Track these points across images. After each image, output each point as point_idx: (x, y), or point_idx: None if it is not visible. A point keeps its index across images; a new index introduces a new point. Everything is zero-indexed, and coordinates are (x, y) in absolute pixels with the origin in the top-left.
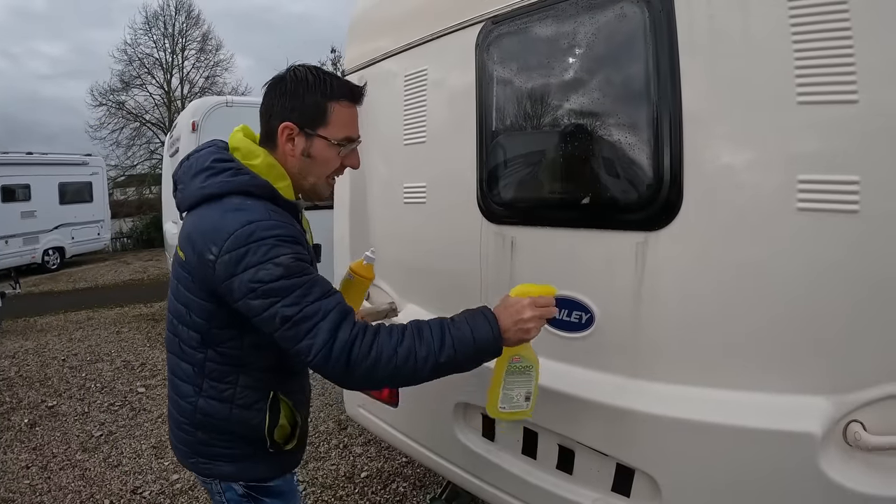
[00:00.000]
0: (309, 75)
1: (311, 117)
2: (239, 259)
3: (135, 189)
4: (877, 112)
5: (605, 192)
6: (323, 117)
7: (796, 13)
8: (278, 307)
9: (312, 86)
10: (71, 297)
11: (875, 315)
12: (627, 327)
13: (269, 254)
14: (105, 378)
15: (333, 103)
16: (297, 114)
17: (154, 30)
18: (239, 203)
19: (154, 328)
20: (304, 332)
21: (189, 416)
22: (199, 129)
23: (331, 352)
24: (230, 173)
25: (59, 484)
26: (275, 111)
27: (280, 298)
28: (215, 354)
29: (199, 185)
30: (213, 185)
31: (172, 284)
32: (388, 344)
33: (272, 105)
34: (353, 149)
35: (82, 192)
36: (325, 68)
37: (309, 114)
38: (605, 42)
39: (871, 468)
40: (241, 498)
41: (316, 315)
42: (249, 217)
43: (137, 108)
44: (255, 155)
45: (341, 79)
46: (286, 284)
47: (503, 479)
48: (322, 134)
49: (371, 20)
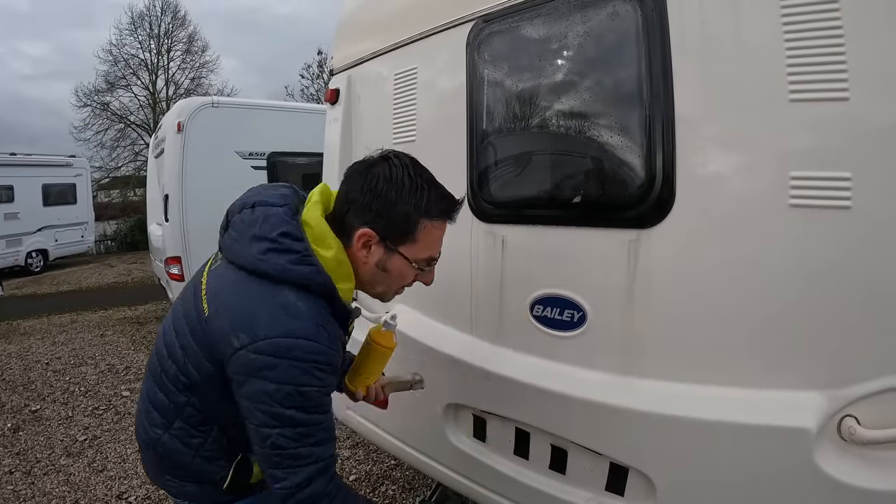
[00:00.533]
0: (406, 179)
1: (398, 231)
2: (266, 367)
3: (119, 191)
4: (868, 109)
5: (597, 189)
6: (411, 234)
7: (788, 11)
8: (276, 431)
9: (408, 194)
10: (54, 300)
11: (868, 310)
12: (620, 325)
13: (299, 379)
14: (89, 382)
15: (426, 221)
16: (383, 223)
17: (140, 30)
18: (293, 302)
19: (139, 331)
20: (286, 465)
21: (151, 443)
22: (184, 130)
23: (295, 494)
24: (295, 259)
25: (44, 489)
26: (356, 207)
27: (283, 427)
28: (198, 403)
29: (256, 255)
30: (271, 265)
31: (177, 316)
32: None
33: (355, 198)
34: (432, 268)
35: (66, 194)
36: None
37: (396, 227)
38: (597, 41)
39: (866, 462)
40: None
41: (306, 458)
42: (296, 330)
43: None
44: (328, 245)
45: (439, 188)
46: (297, 417)
47: (495, 479)
48: (404, 252)
49: (360, 19)
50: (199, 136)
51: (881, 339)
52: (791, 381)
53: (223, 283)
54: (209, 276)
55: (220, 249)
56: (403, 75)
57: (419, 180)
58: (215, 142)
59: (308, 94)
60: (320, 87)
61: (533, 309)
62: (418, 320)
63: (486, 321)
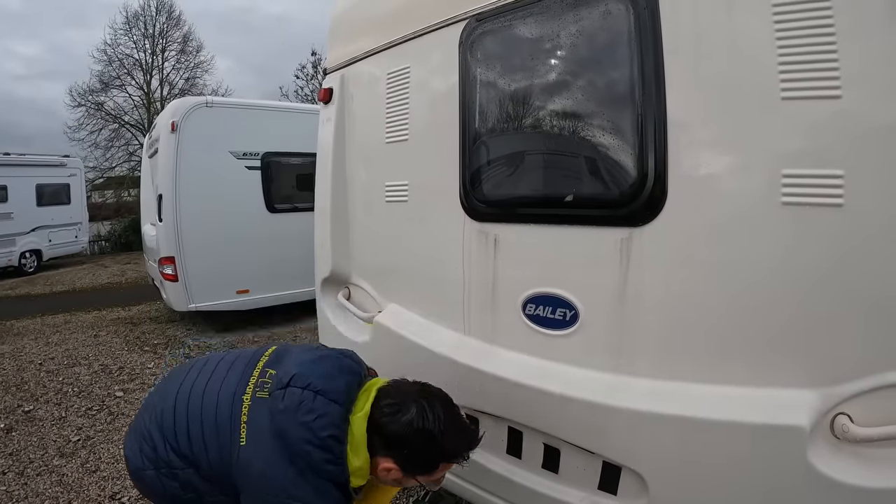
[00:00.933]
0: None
1: (420, 469)
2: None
3: (113, 192)
4: (860, 107)
5: (589, 188)
6: (430, 470)
7: (780, 10)
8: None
9: (437, 444)
10: (48, 301)
11: (859, 307)
12: (612, 323)
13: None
14: (82, 382)
15: (445, 463)
16: (410, 463)
17: (134, 30)
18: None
19: (132, 332)
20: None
21: (137, 471)
22: (178, 130)
23: None
24: (330, 460)
25: (37, 490)
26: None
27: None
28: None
29: (300, 440)
30: (310, 459)
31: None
32: None
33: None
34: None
35: (60, 194)
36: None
37: (419, 466)
38: (589, 39)
39: (859, 460)
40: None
41: None
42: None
43: (116, 110)
44: (359, 455)
45: (466, 435)
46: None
47: (487, 479)
48: (420, 479)
49: (352, 19)
50: (194, 135)
51: (873, 336)
52: (784, 379)
53: (264, 435)
54: (254, 404)
55: (264, 389)
56: (396, 74)
57: (450, 430)
58: (209, 142)
59: (303, 94)
60: (315, 87)
61: (525, 308)
62: (411, 320)
63: (479, 320)
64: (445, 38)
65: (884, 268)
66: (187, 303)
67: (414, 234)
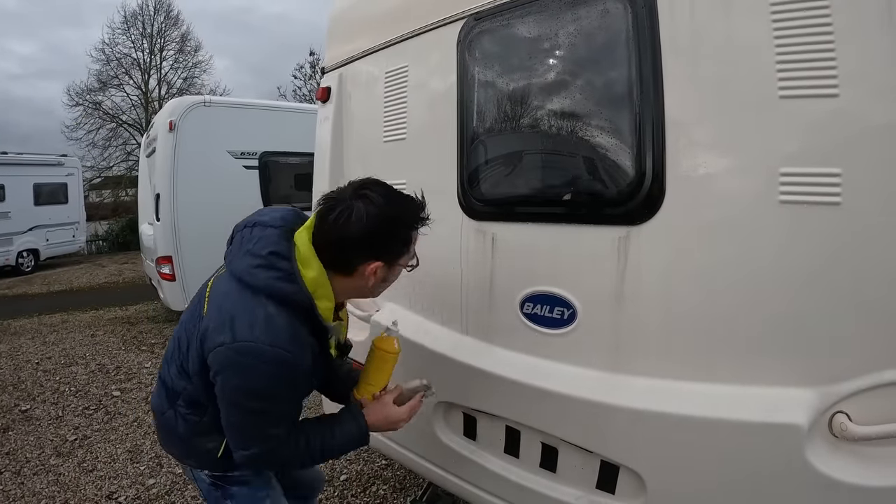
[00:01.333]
0: (395, 208)
1: (398, 252)
2: (238, 365)
3: (110, 191)
4: (858, 106)
5: (587, 187)
6: (407, 248)
7: (778, 8)
8: (238, 417)
9: (402, 218)
10: (45, 300)
11: (857, 305)
12: (610, 322)
13: (266, 386)
14: (79, 382)
15: (415, 232)
16: (387, 254)
17: (132, 30)
18: (272, 315)
19: (129, 331)
20: (240, 443)
21: (159, 414)
22: (176, 129)
23: (250, 461)
24: (279, 276)
25: (33, 489)
26: (352, 247)
27: (244, 414)
28: (193, 390)
29: (247, 268)
30: (258, 279)
31: (188, 314)
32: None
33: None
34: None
35: (57, 194)
36: None
37: (397, 250)
38: (587, 38)
39: (857, 458)
40: (209, 486)
41: (261, 439)
42: (273, 339)
43: (114, 109)
44: (310, 265)
45: (412, 200)
46: (257, 408)
47: (485, 478)
48: (402, 262)
49: (351, 18)
50: (191, 135)
51: (871, 335)
52: (782, 378)
53: (220, 290)
54: (214, 282)
55: (224, 260)
56: (394, 73)
57: (397, 201)
58: (207, 141)
59: (301, 94)
60: (313, 87)
61: (523, 306)
62: (409, 319)
63: (477, 319)
64: (444, 37)
65: (881, 266)
66: (185, 302)
67: None
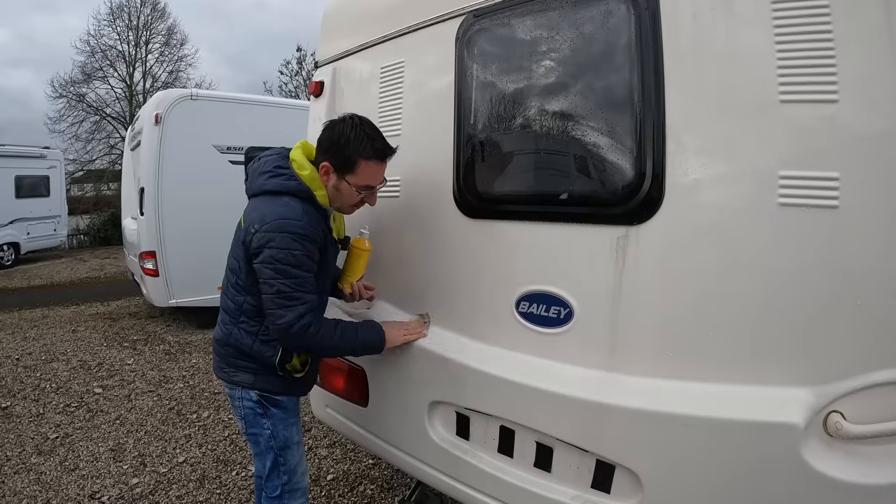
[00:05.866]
0: (351, 133)
1: (344, 166)
2: (271, 239)
3: (92, 185)
4: (857, 111)
5: (586, 186)
6: (352, 169)
7: (779, 14)
8: (279, 281)
9: (351, 142)
10: (25, 295)
11: (854, 307)
12: (607, 322)
13: (290, 244)
14: (61, 378)
15: (362, 160)
16: (336, 160)
17: (118, 21)
18: (286, 202)
19: (111, 327)
20: (286, 305)
21: (225, 338)
22: (162, 122)
23: (293, 326)
24: (285, 178)
25: (14, 489)
26: (322, 147)
27: (283, 278)
28: (251, 299)
29: (262, 182)
30: (271, 184)
31: (233, 243)
32: (326, 337)
33: (322, 142)
34: (371, 193)
35: (39, 187)
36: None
37: (342, 163)
38: (588, 37)
39: (852, 457)
40: (254, 404)
41: (299, 300)
42: (289, 213)
43: (98, 102)
44: (304, 167)
45: (377, 139)
46: (290, 271)
47: (478, 478)
48: (348, 180)
49: (346, 11)
50: (177, 128)
51: (866, 335)
52: (778, 377)
53: (250, 207)
54: (244, 211)
55: (247, 194)
56: (390, 69)
57: (360, 133)
58: (193, 135)
59: (287, 90)
60: (299, 83)
61: (519, 305)
62: (403, 318)
63: (472, 318)
64: (442, 33)
65: (876, 268)
66: (168, 298)
67: (405, 230)
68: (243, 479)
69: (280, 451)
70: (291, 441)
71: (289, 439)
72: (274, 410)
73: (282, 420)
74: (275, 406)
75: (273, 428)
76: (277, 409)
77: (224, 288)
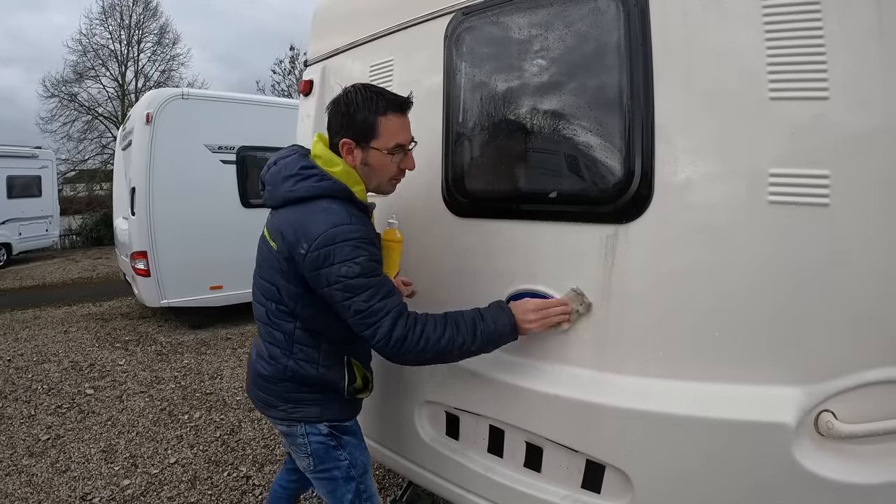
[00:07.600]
0: (358, 96)
1: (364, 133)
2: (327, 256)
3: (85, 185)
4: (847, 108)
5: (575, 185)
6: (374, 132)
7: (769, 11)
8: (353, 300)
9: (361, 105)
10: (17, 296)
11: (844, 305)
12: (597, 321)
13: (351, 254)
14: (52, 379)
15: (381, 117)
16: (353, 131)
17: (110, 20)
18: (326, 206)
19: (103, 328)
20: (371, 323)
21: (279, 374)
22: (153, 121)
23: (389, 341)
24: (316, 179)
25: (5, 491)
26: (334, 129)
27: (355, 294)
28: (302, 324)
29: (288, 188)
30: (301, 189)
31: (259, 264)
32: (433, 335)
33: (332, 123)
34: (406, 154)
35: (31, 187)
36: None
37: (361, 130)
38: (577, 35)
39: (843, 456)
40: (325, 437)
41: (381, 311)
42: (335, 220)
43: (90, 101)
44: (335, 163)
45: (387, 93)
46: (362, 282)
47: (468, 478)
48: (375, 146)
49: (336, 10)
50: (169, 127)
51: (857, 335)
52: (769, 377)
53: (276, 222)
54: (267, 226)
55: (266, 204)
56: (379, 67)
57: (368, 93)
58: (184, 134)
59: (279, 89)
60: (292, 82)
61: None
62: None
63: None
64: (431, 31)
65: (867, 267)
66: (159, 298)
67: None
68: (235, 480)
69: (361, 479)
70: (368, 465)
71: (366, 463)
72: (346, 438)
73: (356, 446)
74: (346, 434)
75: (351, 457)
76: (349, 437)
77: (261, 318)
